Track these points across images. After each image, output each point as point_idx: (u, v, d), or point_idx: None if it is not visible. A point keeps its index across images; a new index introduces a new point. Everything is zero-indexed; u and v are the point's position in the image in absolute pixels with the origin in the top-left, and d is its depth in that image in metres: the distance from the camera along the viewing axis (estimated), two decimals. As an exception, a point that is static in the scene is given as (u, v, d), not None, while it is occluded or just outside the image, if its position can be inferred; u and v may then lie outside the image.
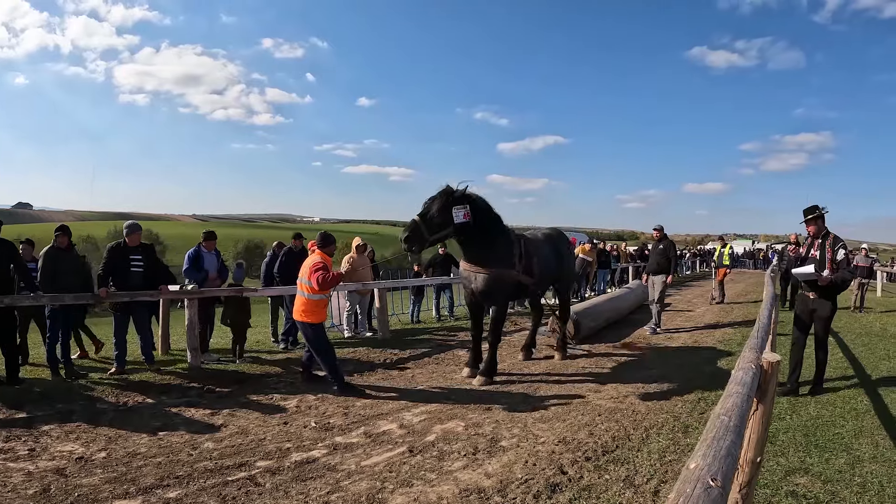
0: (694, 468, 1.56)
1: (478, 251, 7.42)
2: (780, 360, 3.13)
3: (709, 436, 1.81)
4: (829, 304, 6.82)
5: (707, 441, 1.75)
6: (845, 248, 6.65)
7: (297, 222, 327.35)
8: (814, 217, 6.80)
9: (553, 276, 8.82)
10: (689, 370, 8.07)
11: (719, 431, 1.83)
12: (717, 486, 1.46)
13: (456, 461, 4.84)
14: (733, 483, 2.85)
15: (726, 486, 1.55)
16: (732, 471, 1.70)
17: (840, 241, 6.69)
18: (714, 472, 1.52)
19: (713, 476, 1.50)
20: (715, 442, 1.74)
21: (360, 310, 11.37)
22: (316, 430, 5.63)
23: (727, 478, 1.59)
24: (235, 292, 8.88)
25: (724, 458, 1.64)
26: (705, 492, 1.43)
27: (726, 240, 21.28)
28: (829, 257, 6.63)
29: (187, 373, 7.79)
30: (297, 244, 10.21)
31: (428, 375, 7.94)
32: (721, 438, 1.77)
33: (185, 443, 5.27)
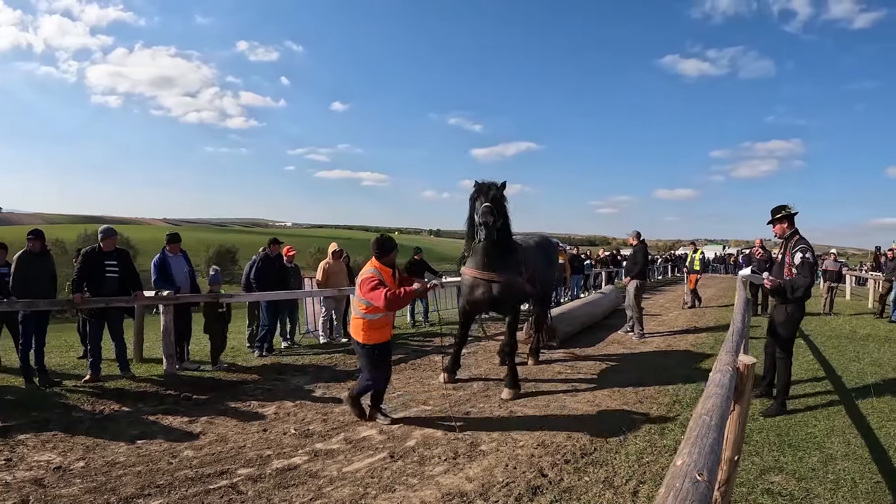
0: (681, 464, 1.62)
1: (496, 256, 7.22)
2: (755, 362, 3.22)
3: (692, 434, 1.87)
4: (784, 310, 6.50)
5: (691, 439, 1.82)
6: (804, 251, 6.25)
7: (269, 227, 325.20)
8: (780, 217, 6.56)
9: (545, 285, 8.86)
10: (664, 373, 8.18)
11: (702, 430, 1.89)
12: (703, 480, 1.53)
13: (437, 466, 4.88)
14: (712, 481, 2.93)
15: (712, 480, 1.61)
16: (716, 466, 1.77)
17: (802, 243, 6.34)
18: (700, 468, 1.59)
19: (699, 471, 1.57)
20: (699, 440, 1.80)
21: (335, 315, 11.35)
22: (296, 437, 5.63)
23: (712, 472, 1.65)
24: (211, 298, 8.84)
25: (709, 454, 1.71)
26: (693, 486, 1.49)
27: (698, 245, 21.58)
28: (788, 261, 6.41)
29: (163, 380, 7.72)
30: (275, 249, 10.18)
31: (405, 381, 7.94)
32: (704, 436, 1.84)
33: (164, 451, 5.24)
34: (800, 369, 8.42)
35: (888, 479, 4.57)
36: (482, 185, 7.14)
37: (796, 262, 6.25)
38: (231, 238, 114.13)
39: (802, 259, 6.21)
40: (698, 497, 1.45)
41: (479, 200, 7.03)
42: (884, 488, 4.41)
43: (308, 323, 11.65)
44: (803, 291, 6.27)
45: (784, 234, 6.54)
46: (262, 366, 8.76)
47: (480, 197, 7.03)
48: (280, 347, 10.21)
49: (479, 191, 7.13)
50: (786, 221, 6.53)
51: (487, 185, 7.10)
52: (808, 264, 6.21)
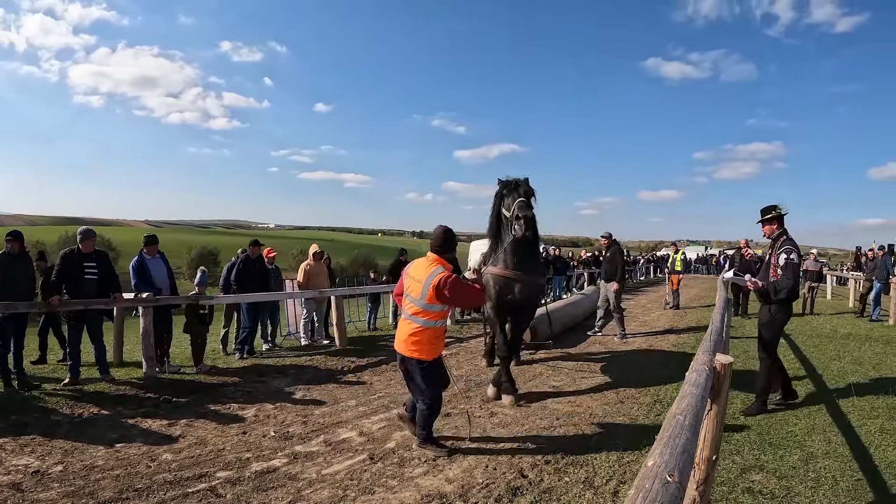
0: (652, 465, 1.61)
1: (529, 255, 7.13)
2: (732, 361, 3.22)
3: (665, 434, 1.86)
4: (767, 311, 6.41)
5: (663, 440, 1.81)
6: (790, 252, 6.15)
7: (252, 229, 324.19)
8: (769, 217, 6.45)
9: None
10: (645, 373, 8.20)
11: (675, 430, 1.89)
12: (674, 482, 1.52)
13: (417, 467, 4.86)
14: (691, 480, 2.93)
15: (683, 481, 1.60)
16: (689, 467, 1.76)
17: (788, 244, 6.23)
18: (671, 469, 1.58)
19: (670, 472, 1.56)
20: (671, 440, 1.79)
21: (316, 318, 11.32)
22: (275, 440, 5.60)
23: (684, 473, 1.64)
24: (191, 300, 8.77)
25: (680, 454, 1.70)
26: (663, 487, 1.48)
27: (679, 246, 21.67)
28: (773, 262, 6.33)
29: (143, 383, 7.66)
30: (255, 251, 10.13)
31: (386, 383, 7.92)
32: (677, 437, 1.83)
33: (143, 454, 5.19)
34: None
35: (869, 476, 4.58)
36: (511, 180, 7.03)
37: (781, 263, 6.17)
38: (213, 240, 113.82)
39: (786, 260, 6.14)
40: (668, 499, 1.44)
41: (510, 196, 6.88)
42: (865, 486, 4.42)
43: (289, 325, 11.61)
44: (786, 293, 6.19)
45: (773, 235, 6.45)
46: (242, 368, 8.72)
47: (513, 193, 6.88)
48: (261, 349, 10.17)
49: (508, 186, 7.01)
50: (775, 222, 6.43)
51: (517, 181, 6.99)
52: (791, 266, 6.14)
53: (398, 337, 5.26)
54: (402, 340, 5.18)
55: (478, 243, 20.02)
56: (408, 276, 5.29)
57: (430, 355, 5.14)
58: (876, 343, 10.88)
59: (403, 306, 5.28)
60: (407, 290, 5.24)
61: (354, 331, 12.66)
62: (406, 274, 5.34)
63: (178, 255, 74.50)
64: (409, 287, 5.21)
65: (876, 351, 10.01)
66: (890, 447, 5.23)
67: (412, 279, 5.21)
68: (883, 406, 6.50)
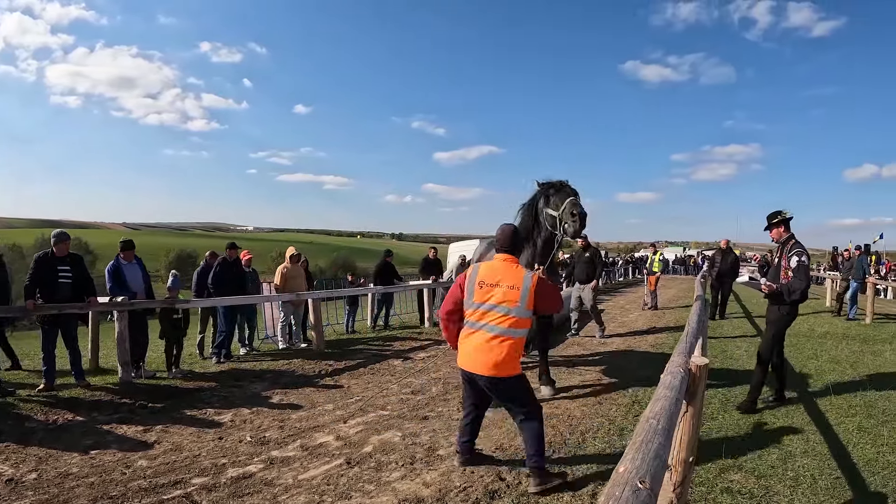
0: (623, 471, 1.59)
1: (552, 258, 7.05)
2: (707, 363, 3.21)
3: (637, 439, 1.84)
4: (777, 309, 6.52)
5: (636, 445, 1.79)
6: (800, 255, 6.28)
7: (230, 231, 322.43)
8: (776, 222, 6.55)
9: None
10: (623, 374, 8.20)
11: (648, 434, 1.87)
12: (645, 489, 1.50)
13: (394, 472, 4.82)
14: (668, 483, 2.92)
15: (655, 488, 1.58)
16: (661, 472, 1.74)
17: (798, 247, 6.36)
18: (642, 475, 1.56)
19: (641, 478, 1.53)
20: (643, 445, 1.77)
21: (294, 320, 11.25)
22: (251, 445, 5.54)
23: (656, 479, 1.62)
24: (167, 304, 8.68)
25: (653, 460, 1.68)
26: (633, 494, 1.46)
27: (658, 247, 21.78)
28: (785, 265, 6.41)
29: (118, 388, 7.58)
30: (232, 254, 10.05)
31: (364, 386, 7.88)
32: (649, 441, 1.81)
33: (117, 461, 5.13)
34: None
35: (847, 474, 4.61)
36: (555, 181, 6.87)
37: (792, 266, 6.29)
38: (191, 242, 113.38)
39: (798, 262, 6.25)
40: (638, 506, 1.41)
41: (559, 195, 6.70)
42: (843, 484, 4.45)
43: (266, 328, 11.54)
44: (799, 294, 6.31)
45: (781, 239, 6.56)
46: (219, 372, 8.66)
47: (561, 191, 6.71)
48: (238, 353, 10.09)
49: (554, 186, 6.85)
50: (782, 226, 6.54)
51: (561, 182, 6.84)
52: (803, 268, 6.26)
53: (474, 357, 4.45)
54: (489, 359, 4.38)
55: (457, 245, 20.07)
56: (485, 285, 4.52)
57: (518, 369, 4.52)
58: (853, 342, 10.98)
59: (484, 319, 4.46)
60: (489, 300, 4.47)
61: (332, 333, 12.64)
62: (479, 284, 4.55)
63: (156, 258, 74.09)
64: (494, 295, 4.46)
65: (853, 349, 10.09)
66: (868, 445, 5.27)
67: (495, 286, 4.48)
68: (860, 404, 6.56)
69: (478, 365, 4.41)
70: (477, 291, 4.52)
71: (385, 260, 14.27)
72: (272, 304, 11.36)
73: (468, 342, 4.52)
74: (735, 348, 10.23)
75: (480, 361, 4.39)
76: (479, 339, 4.45)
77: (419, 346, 11.06)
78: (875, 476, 4.59)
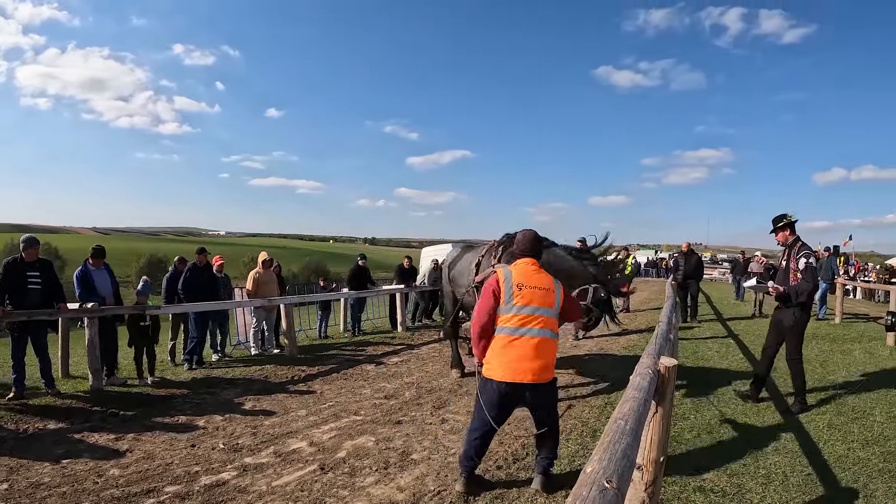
0: (590, 472, 1.61)
1: None
2: (676, 364, 3.25)
3: (605, 440, 1.86)
4: (791, 313, 6.57)
5: (604, 445, 1.81)
6: (808, 256, 6.40)
7: (202, 236, 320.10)
8: (782, 226, 6.67)
9: None
10: (596, 376, 8.25)
11: (615, 435, 1.89)
12: (612, 488, 1.52)
13: (368, 476, 4.81)
14: (640, 482, 2.95)
15: (622, 487, 1.60)
16: (629, 472, 1.76)
17: (805, 249, 6.48)
18: (609, 475, 1.58)
19: (608, 478, 1.55)
20: (611, 445, 1.79)
21: (266, 326, 11.18)
22: (224, 452, 5.49)
23: (623, 479, 1.64)
24: (137, 310, 8.59)
25: (620, 460, 1.70)
26: (601, 494, 1.48)
27: (630, 250, 21.92)
28: (794, 267, 6.50)
29: (90, 396, 7.49)
30: (202, 259, 9.99)
31: (336, 391, 7.86)
32: (617, 442, 1.83)
33: (89, 470, 5.05)
34: (731, 367, 8.64)
35: (819, 471, 4.68)
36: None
37: (801, 268, 6.39)
38: (163, 247, 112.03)
39: (807, 264, 6.37)
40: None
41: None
42: (815, 480, 4.52)
43: (238, 334, 11.47)
44: (807, 296, 6.47)
45: (787, 242, 6.68)
46: (191, 379, 8.58)
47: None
48: (210, 360, 10.01)
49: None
50: (787, 229, 6.67)
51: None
52: (811, 269, 6.39)
53: (518, 366, 4.20)
54: (535, 365, 4.21)
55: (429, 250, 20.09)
56: (526, 287, 4.35)
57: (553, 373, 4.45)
58: (822, 341, 11.13)
59: (525, 322, 4.27)
60: (532, 303, 4.32)
61: (305, 339, 12.60)
62: (518, 286, 4.36)
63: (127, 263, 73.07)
64: (533, 297, 4.33)
65: (822, 349, 10.23)
66: (838, 441, 5.36)
67: (533, 288, 4.36)
68: (830, 402, 6.68)
69: (525, 373, 4.19)
70: (517, 294, 4.32)
71: (360, 265, 14.26)
72: (244, 309, 11.30)
73: (510, 351, 4.25)
74: (706, 349, 10.34)
75: (526, 369, 4.19)
76: (524, 345, 4.23)
77: (392, 351, 11.05)
78: (846, 472, 4.66)
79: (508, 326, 4.27)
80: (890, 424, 5.81)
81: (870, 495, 4.25)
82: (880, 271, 31.56)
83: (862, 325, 13.67)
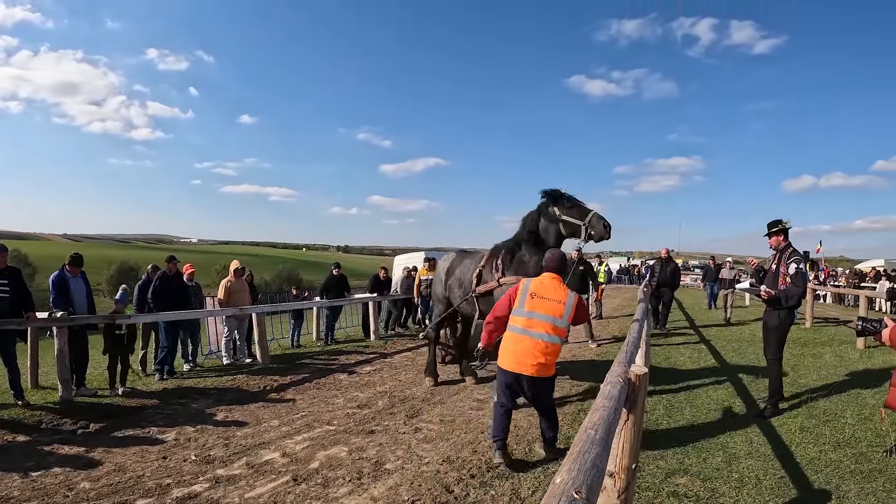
0: (560, 482, 1.61)
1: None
2: (647, 372, 3.27)
3: (575, 450, 1.87)
4: (776, 315, 6.74)
5: (573, 455, 1.81)
6: (799, 262, 6.60)
7: (174, 243, 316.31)
8: (776, 231, 6.86)
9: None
10: (569, 384, 8.30)
11: (585, 445, 1.89)
12: (581, 498, 1.52)
13: (341, 487, 4.79)
14: (612, 490, 2.97)
15: (591, 497, 1.60)
16: (598, 482, 1.76)
17: (796, 254, 6.69)
18: (579, 485, 1.58)
19: (577, 489, 1.55)
20: (581, 455, 1.80)
21: (238, 335, 11.09)
22: (196, 464, 5.43)
23: (592, 489, 1.64)
24: (108, 319, 8.48)
25: (589, 470, 1.70)
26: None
27: (602, 257, 22.04)
28: (783, 271, 6.66)
29: (59, 407, 7.38)
30: (172, 268, 9.89)
31: (309, 401, 7.81)
32: (587, 452, 1.83)
33: (60, 483, 4.97)
34: (702, 372, 8.72)
35: (791, 473, 4.74)
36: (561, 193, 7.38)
37: (791, 272, 6.56)
38: (134, 254, 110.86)
39: (797, 269, 6.54)
40: (575, 516, 1.44)
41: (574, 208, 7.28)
42: (788, 483, 4.57)
43: (210, 343, 11.37)
44: (797, 300, 6.69)
45: (779, 246, 6.87)
46: (162, 390, 8.48)
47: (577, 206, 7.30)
48: (182, 370, 9.90)
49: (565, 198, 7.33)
50: (781, 234, 6.86)
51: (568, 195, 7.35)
52: (801, 274, 6.55)
53: (520, 360, 5.05)
54: (535, 362, 5.03)
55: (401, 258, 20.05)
56: (537, 297, 5.21)
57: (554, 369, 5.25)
58: (793, 345, 11.22)
59: (530, 325, 5.12)
60: (538, 310, 5.15)
61: (278, 348, 12.52)
62: (531, 295, 5.24)
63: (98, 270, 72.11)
64: (543, 307, 5.15)
65: (793, 353, 10.33)
66: (810, 444, 5.42)
67: (545, 299, 5.19)
68: (802, 405, 6.75)
69: (527, 367, 5.03)
70: (528, 301, 5.21)
71: (336, 273, 14.22)
72: (216, 318, 11.20)
73: (516, 347, 5.13)
74: (679, 355, 10.42)
75: (528, 364, 5.03)
76: (527, 343, 5.08)
77: (365, 360, 11.00)
78: (818, 474, 4.72)
79: (518, 326, 5.18)
80: (861, 426, 5.89)
81: (842, 496, 4.30)
82: (849, 276, 32.09)
83: (832, 329, 13.83)
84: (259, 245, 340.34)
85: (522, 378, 5.06)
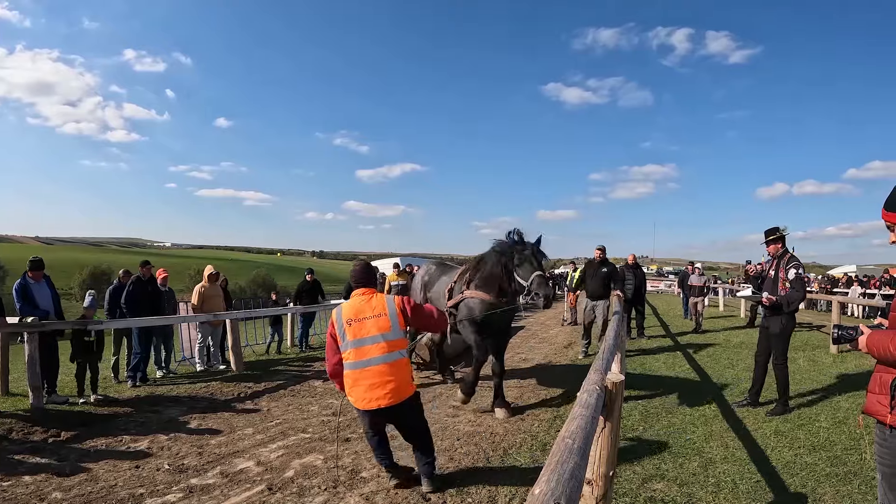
0: (538, 493, 1.59)
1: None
2: (623, 379, 3.27)
3: (553, 460, 1.85)
4: (779, 320, 6.84)
5: (551, 466, 1.79)
6: (797, 267, 6.72)
7: (147, 248, 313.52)
8: (774, 238, 6.96)
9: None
10: (545, 390, 8.29)
11: (563, 455, 1.88)
12: (560, 510, 1.50)
13: (317, 496, 4.74)
14: (590, 497, 2.96)
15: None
16: (577, 492, 1.75)
17: (795, 260, 6.79)
18: (557, 496, 1.56)
19: (557, 500, 1.54)
20: (559, 466, 1.78)
21: (212, 342, 10.99)
22: (170, 473, 5.36)
23: (571, 499, 1.63)
24: (79, 325, 8.36)
25: (568, 481, 1.69)
26: (549, 516, 1.46)
27: (577, 264, 22.07)
28: (783, 277, 6.77)
29: (30, 415, 7.24)
30: (146, 272, 9.78)
31: (284, 408, 7.76)
32: (565, 462, 1.82)
33: (31, 493, 4.88)
34: (678, 379, 8.76)
35: (767, 477, 4.77)
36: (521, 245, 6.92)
37: (791, 278, 6.68)
38: (107, 258, 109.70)
39: (796, 275, 6.68)
40: (554, 528, 1.42)
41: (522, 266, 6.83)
42: (764, 486, 4.60)
43: (183, 350, 11.25)
44: (797, 305, 6.82)
45: (777, 253, 6.97)
46: (135, 397, 8.37)
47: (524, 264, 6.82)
48: (154, 376, 9.79)
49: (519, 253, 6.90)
50: (779, 242, 6.97)
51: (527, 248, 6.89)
52: (800, 280, 6.70)
53: (369, 395, 4.54)
54: (384, 391, 4.53)
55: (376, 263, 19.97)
56: (355, 321, 4.68)
57: (413, 385, 4.79)
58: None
59: (363, 354, 4.60)
60: (363, 336, 4.64)
61: (252, 355, 12.41)
62: (348, 322, 4.70)
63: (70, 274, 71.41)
64: (365, 328, 4.65)
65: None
66: (786, 448, 5.48)
67: (364, 320, 4.67)
68: (777, 409, 6.79)
69: (379, 400, 4.54)
70: (349, 330, 4.68)
71: (309, 279, 14.12)
72: (189, 324, 11.09)
73: (361, 383, 4.58)
74: (654, 361, 10.46)
75: (379, 396, 4.54)
76: (368, 375, 4.57)
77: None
78: (794, 477, 4.77)
79: (351, 361, 4.65)
80: (835, 430, 5.96)
81: (818, 499, 4.35)
82: (822, 281, 32.50)
83: (806, 334, 13.97)
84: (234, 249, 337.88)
85: (380, 412, 4.60)
